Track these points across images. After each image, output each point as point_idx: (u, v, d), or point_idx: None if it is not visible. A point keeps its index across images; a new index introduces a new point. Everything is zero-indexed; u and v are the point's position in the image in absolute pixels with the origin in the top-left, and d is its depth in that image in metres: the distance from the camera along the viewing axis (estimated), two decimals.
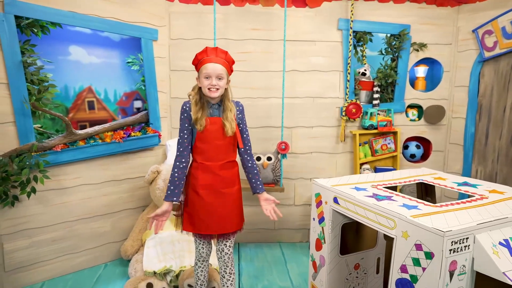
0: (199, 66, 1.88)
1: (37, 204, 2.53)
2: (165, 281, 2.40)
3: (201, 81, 1.86)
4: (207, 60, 1.86)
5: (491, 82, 2.99)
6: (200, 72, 1.87)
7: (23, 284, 2.54)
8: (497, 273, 1.32)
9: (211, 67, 1.83)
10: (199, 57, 1.90)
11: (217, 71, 1.83)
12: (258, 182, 2.04)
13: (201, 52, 1.90)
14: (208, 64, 1.84)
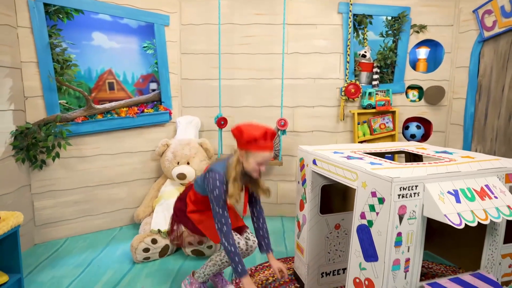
0: (255, 149, 1.77)
1: (62, 169, 2.90)
2: (168, 238, 2.68)
3: (250, 163, 1.79)
4: (265, 147, 1.78)
5: (491, 62, 3.02)
6: (253, 155, 1.78)
7: (50, 238, 2.92)
8: (439, 215, 1.47)
9: (268, 156, 1.80)
10: (259, 141, 1.76)
11: (269, 159, 1.84)
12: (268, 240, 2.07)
13: (260, 135, 1.76)
14: (267, 153, 1.79)
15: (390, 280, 1.56)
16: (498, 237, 1.75)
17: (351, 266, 1.72)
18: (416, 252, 1.59)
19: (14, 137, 2.57)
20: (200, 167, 3.10)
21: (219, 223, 1.80)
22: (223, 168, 1.84)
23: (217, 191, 1.78)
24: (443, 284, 1.63)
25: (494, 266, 1.78)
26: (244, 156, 1.81)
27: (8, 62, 2.52)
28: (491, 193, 1.61)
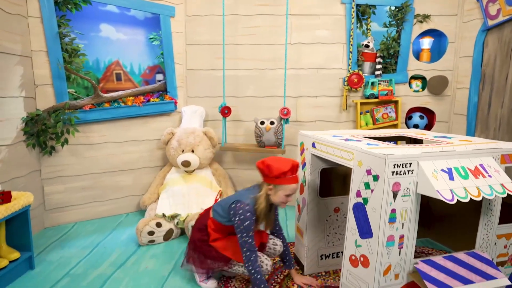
0: (283, 182, 1.87)
1: (70, 156, 2.99)
2: (173, 223, 2.75)
3: (280, 196, 1.89)
4: (292, 180, 1.88)
5: (495, 51, 3.01)
6: (283, 189, 1.87)
7: (59, 223, 3.02)
8: (432, 191, 1.50)
9: (295, 187, 1.90)
10: (287, 173, 1.86)
11: (296, 191, 1.94)
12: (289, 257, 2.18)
13: (288, 169, 1.86)
14: (294, 185, 1.89)
15: (384, 256, 1.60)
16: (493, 218, 1.78)
17: (347, 244, 1.76)
18: (410, 229, 1.62)
19: (25, 123, 2.67)
20: (205, 155, 3.17)
21: (248, 252, 1.86)
22: (249, 199, 1.91)
23: (248, 221, 1.85)
24: (437, 261, 1.66)
25: (489, 246, 1.80)
26: (273, 190, 1.90)
27: (19, 51, 2.61)
28: (485, 172, 1.64)
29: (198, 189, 3.07)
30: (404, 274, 1.66)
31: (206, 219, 2.09)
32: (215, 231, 2.04)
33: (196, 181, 3.13)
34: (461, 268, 1.66)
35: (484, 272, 1.67)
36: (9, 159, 2.51)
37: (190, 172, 3.18)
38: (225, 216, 1.99)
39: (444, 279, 1.60)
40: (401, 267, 1.65)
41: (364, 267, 1.67)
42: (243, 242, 1.87)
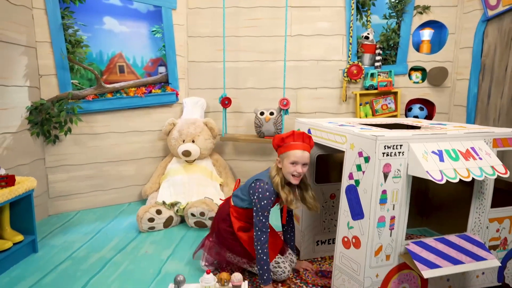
0: (285, 150, 1.83)
1: (74, 145, 3.06)
2: (172, 210, 2.80)
3: (285, 165, 1.82)
4: (295, 146, 1.82)
5: (495, 41, 3.01)
6: (286, 156, 1.82)
7: (62, 210, 3.09)
8: (422, 172, 1.52)
9: (300, 154, 1.81)
10: (286, 140, 1.84)
11: (304, 159, 1.82)
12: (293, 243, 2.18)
13: (287, 135, 1.85)
14: (297, 151, 1.81)
15: (375, 236, 1.63)
16: (485, 201, 1.79)
17: (340, 226, 1.79)
18: (402, 210, 1.64)
19: (29, 112, 2.74)
20: (205, 145, 3.22)
21: (260, 231, 1.83)
22: (267, 178, 1.88)
23: (266, 200, 1.82)
24: (428, 243, 1.68)
25: (481, 229, 1.82)
26: (281, 161, 1.86)
27: (24, 41, 2.68)
28: (476, 154, 1.66)
29: (198, 179, 3.12)
30: (395, 255, 1.68)
31: (227, 208, 2.06)
32: (238, 219, 2.01)
33: (196, 171, 3.18)
34: (452, 250, 1.68)
35: (475, 254, 1.69)
36: (13, 146, 2.58)
37: (190, 162, 3.23)
38: (245, 199, 1.96)
39: (434, 259, 1.63)
40: (393, 248, 1.67)
41: (356, 248, 1.69)
42: (257, 221, 1.84)
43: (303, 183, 1.95)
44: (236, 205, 2.04)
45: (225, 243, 2.03)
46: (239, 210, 2.02)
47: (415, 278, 1.76)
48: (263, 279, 1.85)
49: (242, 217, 2.03)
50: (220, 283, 1.58)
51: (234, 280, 1.58)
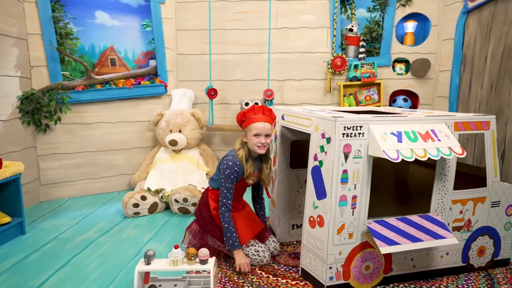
0: (247, 124, 1.96)
1: (65, 134, 3.16)
2: (157, 197, 2.89)
3: (249, 138, 1.95)
4: (255, 119, 1.94)
5: (475, 33, 3.06)
6: (249, 130, 1.95)
7: (54, 197, 3.19)
8: (379, 151, 1.59)
9: (261, 126, 1.92)
10: (247, 114, 1.97)
11: (266, 130, 1.93)
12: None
13: (248, 110, 1.97)
14: (258, 123, 1.93)
15: (337, 215, 1.70)
16: (448, 183, 1.85)
17: (307, 206, 1.87)
18: (363, 190, 1.71)
19: (20, 101, 2.85)
20: (192, 135, 3.30)
21: (225, 199, 1.95)
22: (233, 152, 2.01)
23: (229, 169, 1.93)
24: (390, 222, 1.75)
25: (444, 210, 1.88)
26: (245, 135, 1.97)
27: (15, 33, 2.78)
28: (435, 136, 1.72)
29: (185, 167, 3.21)
30: (358, 234, 1.75)
31: (207, 192, 2.16)
32: (215, 200, 2.09)
33: (183, 160, 3.27)
34: (412, 228, 1.75)
35: (435, 233, 1.75)
36: (4, 133, 2.69)
37: (178, 152, 3.32)
38: (217, 179, 2.06)
39: (394, 237, 1.69)
40: (355, 227, 1.74)
41: (320, 226, 1.77)
42: (222, 191, 1.95)
43: (265, 156, 2.06)
44: (213, 187, 2.13)
45: (206, 228, 2.11)
46: (216, 191, 2.10)
47: (378, 256, 1.83)
48: (229, 244, 1.95)
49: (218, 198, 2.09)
50: (188, 258, 1.67)
51: (200, 255, 1.66)
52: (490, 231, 1.99)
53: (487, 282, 1.89)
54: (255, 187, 2.26)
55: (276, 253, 2.16)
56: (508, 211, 2.00)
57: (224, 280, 1.90)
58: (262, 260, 2.03)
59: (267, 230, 2.23)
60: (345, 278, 1.78)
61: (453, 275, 1.95)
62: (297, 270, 1.99)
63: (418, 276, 1.91)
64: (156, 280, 1.79)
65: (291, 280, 1.90)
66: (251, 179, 2.04)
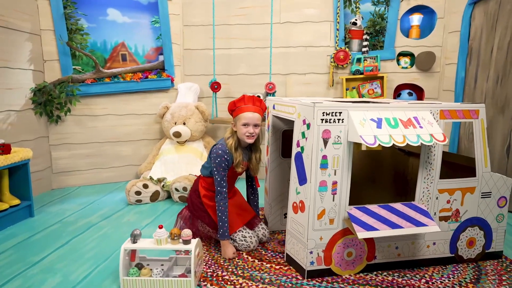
0: (237, 113, 2.00)
1: (75, 125, 3.33)
2: (159, 185, 3.00)
3: (239, 128, 1.98)
4: (245, 108, 1.98)
5: (481, 24, 2.98)
6: (238, 119, 1.99)
7: (64, 185, 3.37)
8: (356, 136, 1.61)
9: (250, 116, 1.96)
10: (237, 104, 2.02)
11: (254, 120, 1.97)
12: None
13: (238, 100, 2.02)
14: (247, 113, 1.97)
15: (317, 200, 1.73)
16: (433, 172, 1.84)
17: (290, 193, 1.90)
18: (344, 176, 1.73)
19: (33, 93, 3.03)
20: (196, 127, 3.39)
21: (219, 187, 1.99)
22: (222, 140, 2.06)
23: (219, 158, 1.97)
24: (371, 209, 1.76)
25: (430, 200, 1.86)
26: (235, 125, 2.02)
27: (29, 29, 2.97)
28: (417, 123, 1.71)
29: (188, 158, 3.31)
30: (339, 220, 1.77)
31: (198, 179, 2.23)
32: (205, 188, 2.16)
33: (187, 152, 3.37)
34: (393, 215, 1.75)
35: (417, 220, 1.75)
36: (17, 123, 2.87)
37: (182, 143, 3.41)
38: (208, 166, 2.12)
39: (373, 223, 1.70)
40: (336, 213, 1.76)
41: (301, 212, 1.80)
42: (215, 179, 2.00)
43: (255, 146, 2.10)
44: (204, 174, 2.19)
45: (196, 214, 2.18)
46: (207, 179, 2.17)
47: (361, 243, 1.84)
48: (220, 233, 2.00)
49: (209, 185, 2.16)
50: (171, 237, 1.74)
51: (183, 235, 1.73)
52: (480, 222, 1.95)
53: (475, 273, 1.86)
54: (249, 177, 2.31)
55: (265, 240, 2.21)
56: (500, 202, 1.96)
57: (210, 262, 1.96)
58: (249, 245, 2.08)
59: (258, 218, 2.27)
60: (326, 264, 1.80)
61: (441, 266, 1.93)
62: (283, 256, 2.03)
63: (403, 265, 1.90)
64: (145, 260, 1.87)
65: (275, 265, 1.94)
66: (240, 168, 2.07)
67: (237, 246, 2.08)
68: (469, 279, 1.80)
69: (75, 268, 1.91)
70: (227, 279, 1.79)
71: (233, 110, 2.06)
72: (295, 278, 1.81)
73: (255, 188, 2.33)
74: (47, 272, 1.86)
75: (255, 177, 2.28)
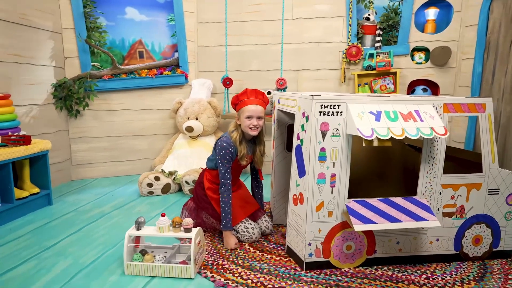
0: (240, 106, 2.05)
1: (93, 120, 3.47)
2: (170, 178, 3.08)
3: (242, 121, 2.03)
4: (248, 101, 2.02)
5: (500, 17, 2.87)
6: (242, 112, 2.03)
7: (83, 177, 3.52)
8: (353, 129, 1.61)
9: (253, 108, 2.00)
10: (240, 97, 2.06)
11: (258, 112, 2.01)
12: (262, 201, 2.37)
13: (241, 93, 2.06)
14: (250, 106, 2.01)
15: (316, 192, 1.74)
16: (436, 166, 1.81)
17: (291, 185, 1.92)
18: (342, 169, 1.74)
19: (54, 88, 3.18)
20: (208, 122, 3.46)
21: (223, 179, 2.04)
22: (227, 134, 2.11)
23: (224, 150, 2.03)
24: (370, 202, 1.75)
25: (433, 195, 1.83)
26: (239, 118, 2.06)
27: (51, 27, 3.12)
28: (419, 117, 1.69)
29: (200, 152, 3.38)
30: (338, 213, 1.78)
31: (203, 172, 2.29)
32: (209, 180, 2.22)
33: (199, 146, 3.44)
34: (393, 209, 1.73)
35: (416, 215, 1.73)
36: (39, 116, 3.03)
37: (195, 138, 3.49)
38: (213, 159, 2.17)
39: (371, 216, 1.70)
40: (335, 205, 1.77)
41: (301, 204, 1.82)
42: (220, 172, 2.05)
43: (259, 139, 2.14)
44: (209, 167, 2.25)
45: (200, 205, 2.24)
46: (211, 171, 2.22)
47: (361, 237, 1.83)
48: (222, 224, 2.05)
49: (214, 178, 2.21)
50: (173, 225, 1.80)
51: (184, 224, 1.79)
52: (487, 219, 1.90)
53: (480, 271, 1.82)
54: (253, 170, 2.34)
55: (268, 232, 2.24)
56: (510, 200, 1.90)
57: (213, 252, 2.02)
58: (251, 236, 2.11)
59: (261, 210, 2.30)
60: (325, 256, 1.81)
61: (444, 263, 1.90)
62: (285, 248, 2.05)
63: (405, 260, 1.88)
64: (149, 247, 1.94)
65: (276, 256, 1.97)
66: (244, 160, 2.12)
67: (240, 237, 2.12)
68: (472, 276, 1.76)
69: (85, 252, 2.01)
70: (226, 268, 1.84)
71: (236, 104, 2.10)
72: (294, 269, 1.83)
73: (259, 181, 2.36)
74: (59, 255, 1.98)
75: (259, 170, 2.31)
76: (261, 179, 2.33)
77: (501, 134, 2.87)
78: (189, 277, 1.74)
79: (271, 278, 1.74)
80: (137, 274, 1.77)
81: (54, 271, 1.81)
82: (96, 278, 1.75)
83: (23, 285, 1.69)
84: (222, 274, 1.77)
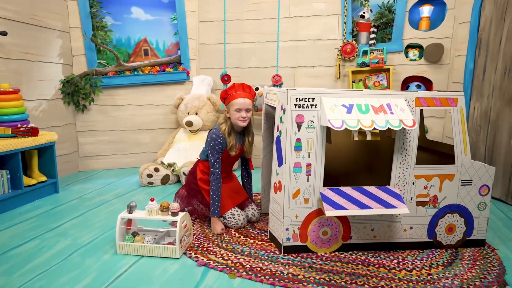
0: (229, 100, 2.17)
1: (99, 114, 3.67)
2: (169, 170, 3.25)
3: (232, 113, 2.15)
4: (236, 95, 2.15)
5: (491, 14, 2.91)
6: (231, 105, 2.15)
7: (90, 168, 3.73)
8: (325, 121, 1.72)
9: (242, 101, 2.13)
10: (229, 92, 2.18)
11: (246, 105, 2.14)
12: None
13: (229, 87, 2.19)
14: (238, 99, 2.13)
15: (292, 180, 1.86)
16: (409, 157, 1.90)
17: (272, 174, 2.04)
18: (317, 158, 1.85)
19: (62, 84, 3.39)
20: (207, 117, 3.61)
21: (212, 168, 2.17)
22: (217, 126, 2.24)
23: (213, 141, 2.16)
24: (344, 190, 1.86)
25: (406, 185, 1.92)
26: (228, 111, 2.19)
27: (59, 27, 3.32)
28: (389, 109, 1.79)
29: (199, 146, 3.45)
30: (314, 200, 1.89)
31: (197, 163, 2.43)
32: (202, 171, 2.35)
33: (199, 140, 3.59)
34: (365, 197, 1.84)
35: (387, 202, 1.82)
36: (48, 110, 3.24)
37: (194, 132, 3.65)
38: (205, 150, 2.31)
39: (343, 203, 1.80)
40: (311, 193, 1.88)
41: (279, 191, 1.94)
42: (210, 162, 2.18)
43: (248, 130, 2.27)
44: (202, 158, 2.39)
45: (191, 193, 2.39)
46: (204, 162, 2.36)
47: (336, 223, 1.94)
48: (211, 210, 2.19)
49: (206, 169, 2.34)
50: (161, 209, 1.95)
51: (171, 208, 1.94)
52: (460, 209, 1.98)
53: (450, 257, 1.90)
54: (244, 161, 2.47)
55: (254, 220, 2.36)
56: (482, 191, 1.97)
57: (200, 236, 2.16)
58: (237, 222, 2.25)
59: (249, 200, 2.43)
60: (302, 241, 1.93)
61: (418, 250, 1.99)
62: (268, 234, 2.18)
63: (380, 246, 1.98)
64: (142, 230, 2.10)
65: (258, 241, 2.09)
66: (233, 151, 2.24)
67: (226, 223, 2.26)
68: (441, 262, 1.85)
69: (84, 234, 2.19)
70: (210, 250, 1.98)
71: (225, 97, 2.23)
72: (273, 252, 1.95)
73: (249, 171, 2.49)
74: (61, 236, 2.16)
75: (249, 160, 2.43)
76: (251, 169, 2.46)
77: (491, 130, 2.92)
78: (174, 257, 1.89)
79: (250, 260, 1.87)
80: (128, 253, 1.93)
81: (54, 249, 1.99)
82: (91, 256, 1.92)
83: (26, 260, 1.87)
84: (205, 255, 1.91)
